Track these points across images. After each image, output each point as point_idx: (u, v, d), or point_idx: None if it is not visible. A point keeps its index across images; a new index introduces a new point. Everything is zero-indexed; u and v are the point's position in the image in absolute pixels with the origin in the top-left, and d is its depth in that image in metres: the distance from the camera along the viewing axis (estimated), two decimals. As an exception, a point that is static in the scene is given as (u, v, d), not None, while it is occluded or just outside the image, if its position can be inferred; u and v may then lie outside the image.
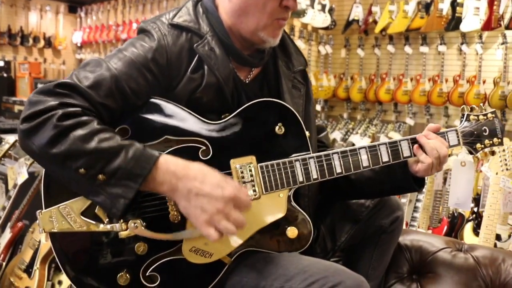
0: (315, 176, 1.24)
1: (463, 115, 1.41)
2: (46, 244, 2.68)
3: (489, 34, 4.03)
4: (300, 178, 1.22)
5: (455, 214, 2.72)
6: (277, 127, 1.23)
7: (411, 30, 4.31)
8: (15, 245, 2.96)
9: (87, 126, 1.05)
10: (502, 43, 3.88)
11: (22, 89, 6.49)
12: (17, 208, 2.89)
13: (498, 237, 2.43)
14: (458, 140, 1.37)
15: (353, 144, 1.23)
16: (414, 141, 1.33)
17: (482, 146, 1.39)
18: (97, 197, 1.05)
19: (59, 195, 1.15)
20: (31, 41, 6.88)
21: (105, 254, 1.17)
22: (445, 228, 2.63)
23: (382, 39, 4.63)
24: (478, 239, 2.31)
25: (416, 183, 1.36)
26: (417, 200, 2.59)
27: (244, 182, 1.20)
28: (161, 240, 1.14)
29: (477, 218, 2.63)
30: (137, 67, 1.15)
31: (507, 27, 3.81)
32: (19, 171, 2.63)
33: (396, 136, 4.19)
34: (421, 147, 1.31)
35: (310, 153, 1.24)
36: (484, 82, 4.01)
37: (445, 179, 2.74)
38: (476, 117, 1.40)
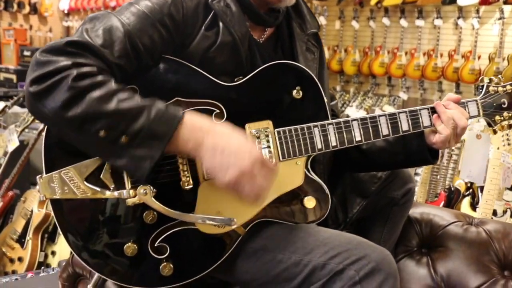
0: (334, 144, 1.18)
1: (481, 86, 1.34)
2: (38, 214, 2.61)
3: (486, 9, 3.96)
4: (319, 145, 1.17)
5: (452, 189, 2.69)
6: (294, 91, 1.17)
7: (407, 3, 4.22)
8: (5, 214, 2.87)
9: (104, 86, 0.97)
10: (499, 18, 3.81)
11: (7, 57, 6.26)
12: (7, 177, 2.79)
13: (494, 213, 2.41)
14: (478, 111, 1.30)
15: (348, 116, 1.19)
16: (434, 110, 1.26)
17: (501, 118, 1.33)
18: (119, 160, 0.99)
19: (62, 159, 1.08)
20: (15, 6, 6.60)
21: (111, 224, 1.10)
22: (442, 202, 2.60)
23: (378, 12, 4.52)
24: (476, 214, 2.29)
25: (430, 155, 1.30)
26: (416, 174, 2.55)
27: (261, 148, 1.13)
28: (173, 206, 1.07)
29: (473, 193, 2.61)
30: (152, 23, 1.07)
31: (505, 2, 3.73)
32: (10, 138, 2.51)
33: (390, 110, 4.15)
34: (439, 116, 1.25)
35: (328, 120, 1.19)
36: (479, 57, 3.95)
37: (442, 154, 2.70)
38: (495, 89, 1.34)
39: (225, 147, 0.98)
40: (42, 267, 2.01)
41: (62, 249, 2.68)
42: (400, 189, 1.44)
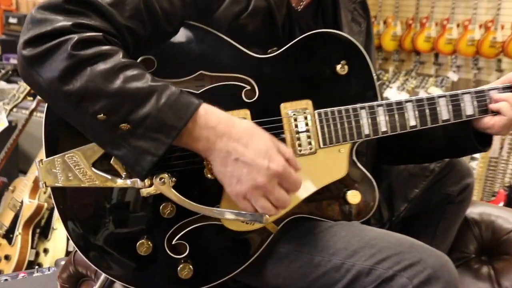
0: (383, 129, 1.17)
1: None
2: (30, 206, 2.65)
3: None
4: (366, 130, 1.16)
5: (513, 187, 2.66)
6: (339, 66, 1.17)
7: (460, -36, 4.14)
8: (-9, 206, 2.92)
9: (110, 58, 0.96)
10: None
11: (-9, 24, 6.31)
12: (-7, 163, 2.83)
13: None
14: None
15: (387, 99, 1.19)
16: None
17: None
18: (117, 150, 0.98)
19: (66, 140, 1.09)
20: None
21: (122, 217, 1.11)
22: (502, 203, 2.57)
23: (424, -24, 4.46)
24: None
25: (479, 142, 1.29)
26: (469, 168, 2.52)
27: (298, 132, 1.14)
28: (195, 198, 1.07)
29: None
30: None
31: None
32: (-3, 118, 2.55)
33: (437, 92, 4.10)
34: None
35: (378, 101, 1.19)
36: (549, 30, 3.87)
37: (502, 145, 2.66)
38: None
39: (239, 155, 0.97)
40: (36, 267, 2.04)
41: (56, 246, 2.72)
42: (456, 184, 1.44)
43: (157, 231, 1.11)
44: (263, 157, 0.97)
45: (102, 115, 0.95)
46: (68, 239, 2.95)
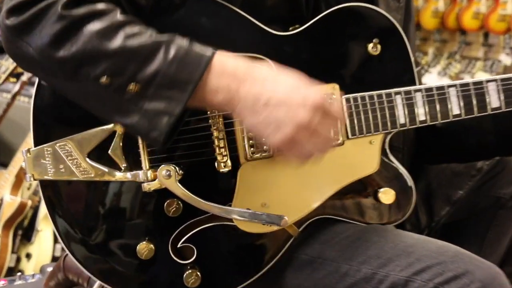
0: (422, 118, 1.18)
1: None
2: (11, 203, 2.69)
3: None
4: (402, 119, 1.18)
5: None
6: (371, 45, 1.18)
7: None
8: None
9: (106, 16, 0.99)
10: None
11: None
12: (-30, 154, 2.88)
13: None
14: None
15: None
16: None
17: None
18: (127, 117, 1.01)
19: (57, 127, 1.12)
20: None
21: (121, 215, 1.14)
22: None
23: None
24: None
25: None
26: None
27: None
28: (204, 195, 1.10)
29: None
30: None
31: None
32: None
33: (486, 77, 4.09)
34: None
35: (415, 85, 1.20)
36: None
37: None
38: None
39: (270, 96, 0.98)
40: (19, 273, 2.07)
41: (41, 251, 2.75)
42: (509, 186, 1.42)
43: (160, 232, 1.13)
44: (296, 92, 0.99)
45: (105, 78, 0.98)
46: (55, 243, 2.99)
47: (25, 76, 3.37)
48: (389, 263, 1.09)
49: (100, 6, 0.99)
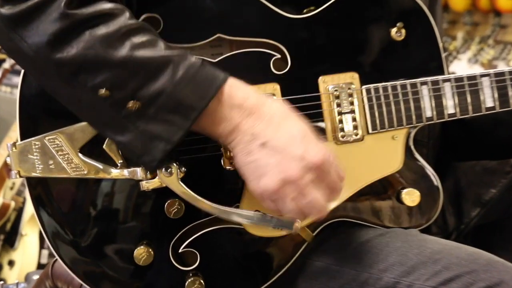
0: (451, 111, 1.18)
1: None
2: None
3: None
4: (428, 112, 1.17)
5: None
6: (394, 30, 1.18)
7: None
8: None
9: (113, 20, 0.98)
10: None
11: None
12: None
13: None
14: None
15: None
16: None
17: None
18: (121, 134, 1.01)
19: (46, 119, 1.12)
20: None
21: (116, 217, 1.14)
22: None
23: None
24: None
25: None
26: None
27: (340, 113, 1.15)
28: (209, 194, 1.08)
29: None
30: None
31: None
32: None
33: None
34: None
35: (444, 74, 1.20)
36: None
37: None
38: None
39: (269, 139, 0.99)
40: (1, 282, 2.07)
41: (25, 257, 2.76)
42: (548, 184, 1.43)
43: (159, 236, 1.13)
44: (298, 144, 0.99)
45: (104, 90, 0.97)
46: (41, 248, 2.99)
47: (8, 63, 3.35)
48: (414, 271, 1.08)
49: (107, 6, 0.98)
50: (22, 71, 1.12)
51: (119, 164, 1.09)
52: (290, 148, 0.98)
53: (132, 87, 0.97)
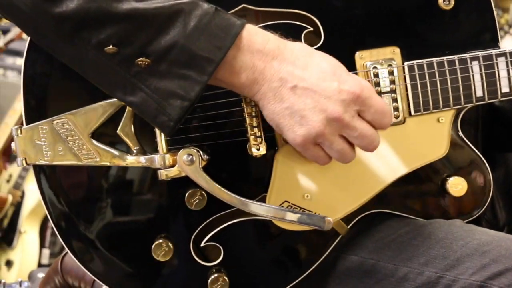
0: (505, 90, 1.20)
1: None
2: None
3: None
4: (479, 91, 1.19)
5: None
6: None
7: None
8: None
9: None
10: None
11: None
12: None
13: None
14: None
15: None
16: None
17: None
18: (132, 95, 1.03)
19: (55, 101, 1.15)
20: None
21: (133, 208, 1.18)
22: None
23: None
24: None
25: None
26: None
27: (380, 93, 1.17)
28: (234, 184, 1.13)
29: None
30: None
31: None
32: None
33: None
34: None
35: (498, 48, 1.20)
36: None
37: None
38: None
39: (298, 80, 1.01)
40: (3, 280, 2.10)
41: (24, 257, 2.77)
42: None
43: (180, 229, 1.17)
44: (330, 78, 1.01)
45: (110, 46, 0.99)
46: (41, 247, 3.01)
47: (1, 41, 3.33)
48: (459, 264, 1.10)
49: None
50: (26, 48, 1.13)
51: (134, 151, 1.12)
52: (324, 84, 1.01)
53: (141, 41, 0.99)
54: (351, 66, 1.16)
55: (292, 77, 1.01)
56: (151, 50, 1.00)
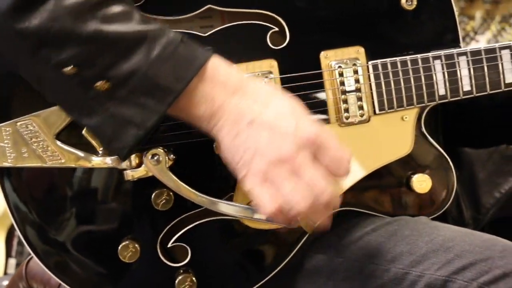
0: (467, 88, 1.22)
1: None
2: None
3: None
4: (442, 89, 1.21)
5: None
6: None
7: None
8: None
9: None
10: None
11: None
12: None
13: None
14: None
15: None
16: None
17: None
18: (88, 117, 1.02)
19: (18, 101, 1.14)
20: None
21: (98, 209, 1.18)
22: None
23: None
24: None
25: None
26: None
27: (345, 92, 1.18)
28: (201, 183, 1.13)
29: None
30: None
31: None
32: None
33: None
34: None
35: (459, 48, 1.23)
36: None
37: None
38: None
39: (256, 116, 0.99)
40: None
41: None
42: None
43: (146, 229, 1.17)
44: (288, 119, 0.99)
45: (70, 67, 0.98)
46: (7, 257, 2.97)
47: None
48: (424, 260, 1.12)
49: None
50: None
51: (100, 152, 1.12)
52: (280, 123, 0.98)
53: (102, 65, 0.98)
54: (316, 65, 1.18)
55: (250, 112, 0.99)
56: (112, 74, 0.98)
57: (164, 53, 0.99)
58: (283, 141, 0.97)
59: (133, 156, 1.11)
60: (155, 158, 1.09)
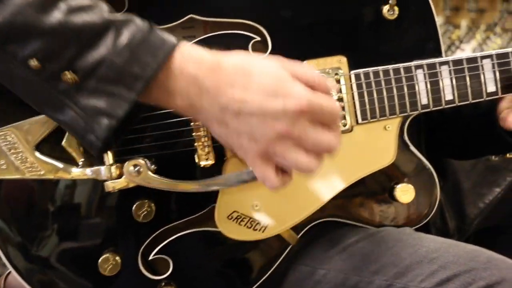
0: (449, 97, 1.22)
1: None
2: None
3: None
4: (424, 99, 1.22)
5: None
6: (386, 8, 1.21)
7: None
8: None
9: None
10: None
11: None
12: None
13: None
14: None
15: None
16: None
17: None
18: (61, 113, 1.00)
19: None
20: None
21: (78, 222, 1.17)
22: None
23: None
24: None
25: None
26: None
27: None
28: (182, 195, 1.13)
29: None
30: None
31: None
32: None
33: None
34: None
35: (441, 57, 1.24)
36: None
37: None
38: None
39: (240, 105, 0.96)
40: None
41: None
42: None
43: (127, 242, 1.17)
44: (274, 96, 0.96)
45: (35, 61, 0.96)
46: None
47: None
48: (408, 272, 1.13)
49: None
50: None
51: (80, 163, 1.12)
52: (267, 105, 0.96)
53: (67, 57, 0.96)
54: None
55: (233, 102, 0.97)
56: (79, 66, 0.97)
57: (132, 41, 0.97)
58: (276, 120, 0.96)
59: (113, 167, 1.10)
60: (136, 169, 1.09)
